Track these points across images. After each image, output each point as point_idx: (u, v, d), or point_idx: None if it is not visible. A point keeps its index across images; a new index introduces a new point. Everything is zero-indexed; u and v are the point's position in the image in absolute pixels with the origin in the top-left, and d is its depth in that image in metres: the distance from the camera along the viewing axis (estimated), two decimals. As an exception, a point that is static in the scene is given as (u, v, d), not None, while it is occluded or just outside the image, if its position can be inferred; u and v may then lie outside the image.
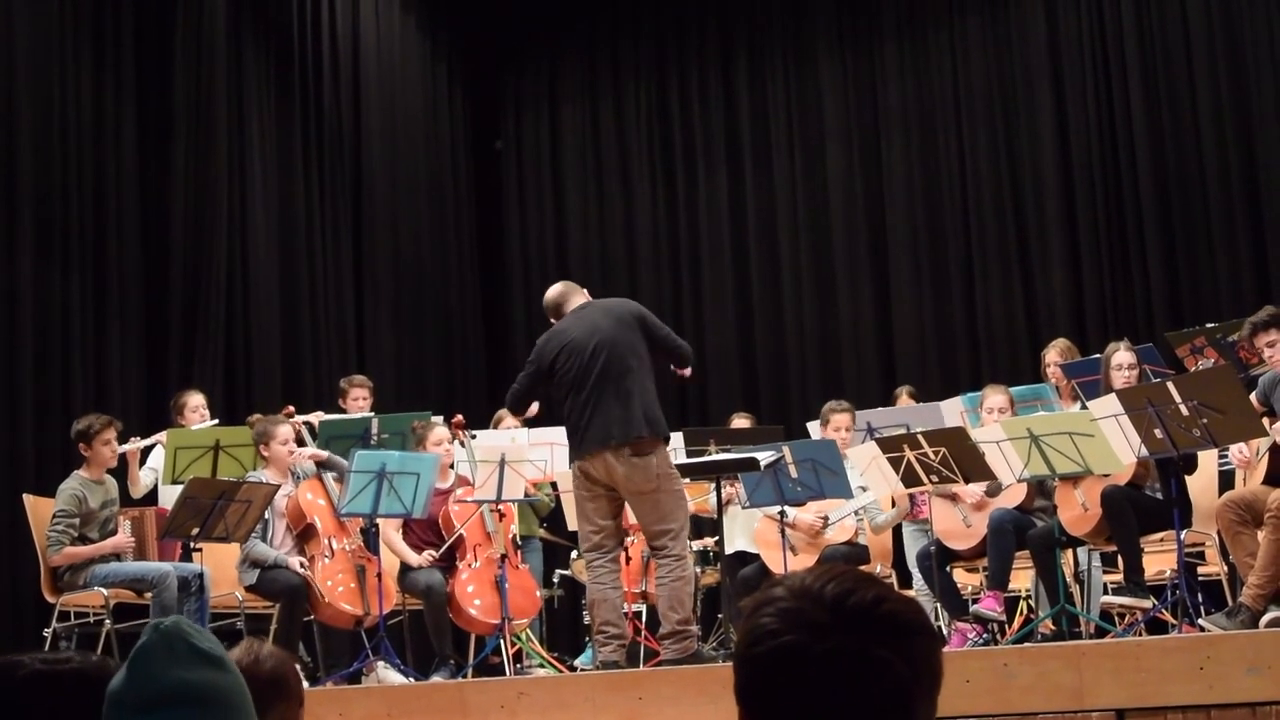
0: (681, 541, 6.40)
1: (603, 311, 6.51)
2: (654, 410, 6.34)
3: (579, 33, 13.12)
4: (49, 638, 7.12)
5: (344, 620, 7.41)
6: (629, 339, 6.38)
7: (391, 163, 11.80)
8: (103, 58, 9.44)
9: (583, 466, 6.40)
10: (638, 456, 6.27)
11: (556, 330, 6.58)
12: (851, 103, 12.02)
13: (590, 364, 6.35)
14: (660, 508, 6.33)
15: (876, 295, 11.71)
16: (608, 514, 6.46)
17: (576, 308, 6.61)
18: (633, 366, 6.34)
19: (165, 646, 1.71)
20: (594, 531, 6.46)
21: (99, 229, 9.27)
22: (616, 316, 6.45)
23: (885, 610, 1.42)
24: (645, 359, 6.41)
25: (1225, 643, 5.11)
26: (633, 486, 6.32)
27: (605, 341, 6.36)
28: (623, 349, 6.35)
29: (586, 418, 6.34)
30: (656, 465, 6.32)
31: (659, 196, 12.63)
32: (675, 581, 6.32)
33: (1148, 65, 10.79)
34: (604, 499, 6.43)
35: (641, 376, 6.35)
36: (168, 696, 1.69)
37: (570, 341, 6.43)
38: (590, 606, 6.52)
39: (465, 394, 11.92)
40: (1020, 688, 5.15)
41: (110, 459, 7.34)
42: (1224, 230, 10.36)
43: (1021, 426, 6.50)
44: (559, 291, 6.73)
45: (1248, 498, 6.00)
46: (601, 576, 6.43)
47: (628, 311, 6.51)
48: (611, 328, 6.39)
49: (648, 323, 6.50)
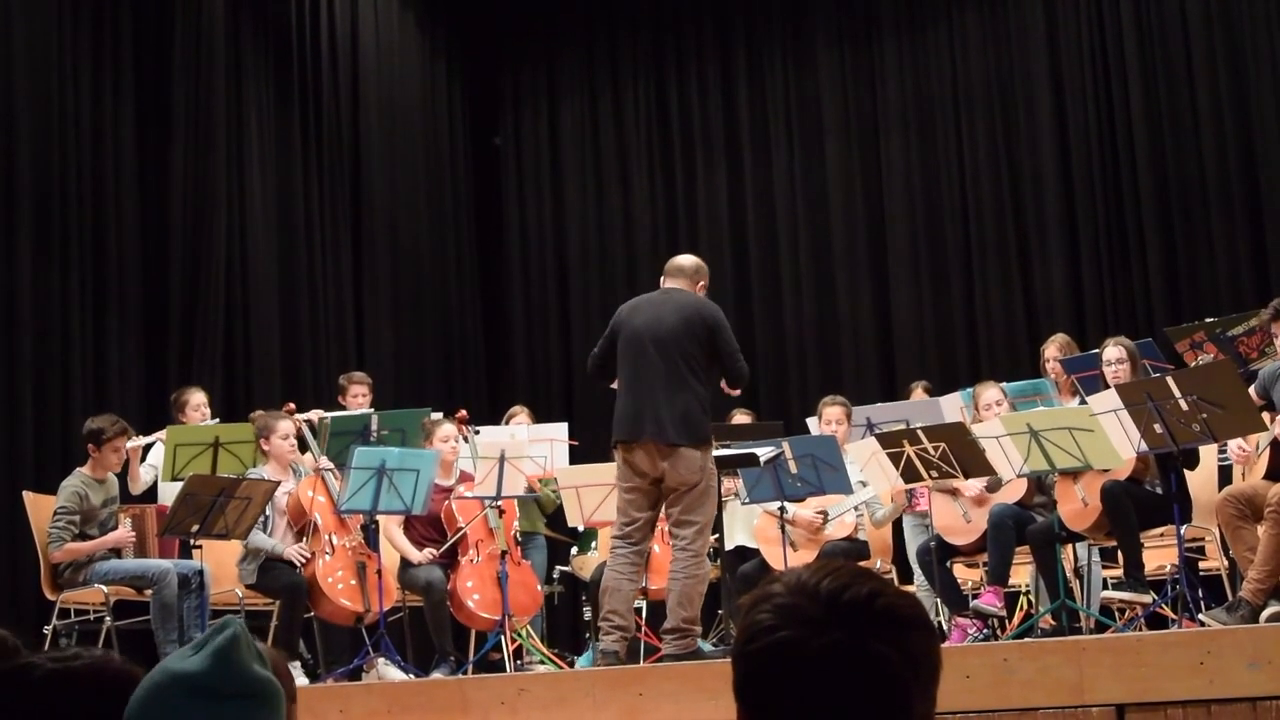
0: (703, 539, 6.40)
1: (676, 307, 6.43)
2: (694, 415, 6.29)
3: (578, 28, 13.11)
4: (49, 635, 7.12)
5: (344, 617, 7.42)
6: (687, 342, 6.33)
7: (390, 159, 11.80)
8: (101, 56, 9.44)
9: (626, 456, 6.39)
10: (684, 449, 6.26)
11: (630, 306, 6.58)
12: (850, 98, 12.01)
13: (640, 357, 6.36)
14: (694, 500, 6.32)
15: (875, 291, 11.70)
16: (644, 507, 6.43)
17: (664, 289, 6.59)
18: (681, 369, 6.30)
19: (245, 642, 1.79)
20: (626, 523, 6.44)
21: (98, 227, 9.27)
22: (685, 317, 6.38)
23: (881, 605, 1.42)
24: (700, 365, 6.36)
25: (1225, 638, 5.12)
26: (678, 479, 6.29)
27: (662, 340, 6.34)
28: (675, 351, 6.31)
29: (628, 408, 6.37)
30: (702, 459, 6.32)
31: (658, 192, 12.62)
32: (689, 579, 6.32)
33: (1146, 60, 10.79)
34: (642, 493, 6.40)
35: (690, 381, 6.30)
36: (246, 689, 1.76)
37: (633, 326, 6.43)
38: (601, 593, 6.49)
39: (464, 389, 11.92)
40: (1020, 683, 5.15)
41: (116, 465, 7.35)
42: (1223, 225, 10.35)
43: (1021, 422, 6.50)
44: (678, 264, 6.67)
45: (1248, 492, 6.01)
46: (621, 566, 6.42)
47: (700, 316, 6.41)
48: (675, 327, 6.35)
49: (717, 335, 6.40)
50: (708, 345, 6.38)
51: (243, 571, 7.39)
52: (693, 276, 6.62)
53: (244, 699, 1.76)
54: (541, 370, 12.66)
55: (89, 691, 1.90)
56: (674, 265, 6.70)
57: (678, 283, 6.59)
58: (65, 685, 1.91)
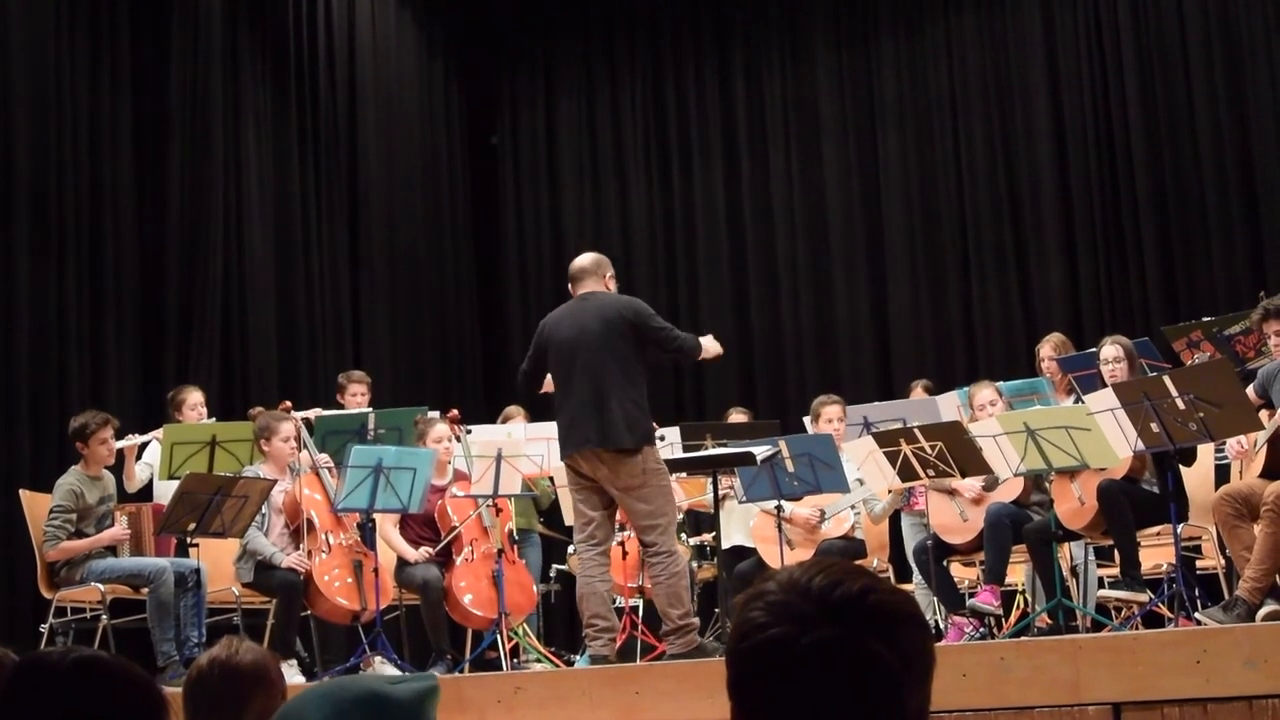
0: (670, 535, 6.43)
1: (596, 310, 6.45)
2: (635, 416, 6.33)
3: (574, 27, 13.10)
4: (45, 633, 7.11)
5: (341, 615, 7.42)
6: (614, 344, 6.36)
7: (387, 158, 11.79)
8: (98, 55, 9.43)
9: (570, 462, 6.48)
10: (624, 454, 6.30)
11: (553, 319, 6.60)
12: (848, 98, 12.01)
13: (570, 368, 6.41)
14: (648, 503, 6.36)
15: (873, 290, 11.71)
16: (597, 505, 6.50)
17: (581, 296, 6.57)
18: (614, 371, 6.33)
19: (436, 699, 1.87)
20: (585, 523, 6.51)
21: (95, 227, 9.26)
22: (606, 319, 6.40)
23: (873, 600, 1.42)
24: (632, 364, 6.38)
25: (1222, 636, 5.12)
26: (619, 483, 6.36)
27: (587, 346, 6.37)
28: (604, 355, 6.35)
29: (567, 419, 6.43)
30: (643, 461, 6.35)
31: (655, 191, 12.62)
32: (670, 578, 6.35)
33: (1144, 60, 10.79)
34: (592, 491, 6.48)
35: (624, 383, 6.33)
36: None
37: (559, 340, 6.48)
38: (579, 600, 6.53)
39: (461, 388, 11.92)
40: (1017, 682, 5.15)
41: (107, 457, 7.34)
42: (1220, 224, 10.36)
43: (1018, 421, 6.50)
44: (579, 267, 6.63)
45: (1244, 491, 6.01)
46: (590, 569, 6.48)
47: (619, 314, 6.43)
48: (598, 331, 6.38)
49: (642, 325, 6.44)
50: (636, 339, 6.42)
51: (239, 570, 7.39)
52: (597, 274, 6.61)
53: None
54: (538, 369, 12.62)
55: (118, 684, 1.91)
56: (576, 269, 6.66)
57: (587, 286, 6.59)
58: (96, 672, 1.92)
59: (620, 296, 6.66)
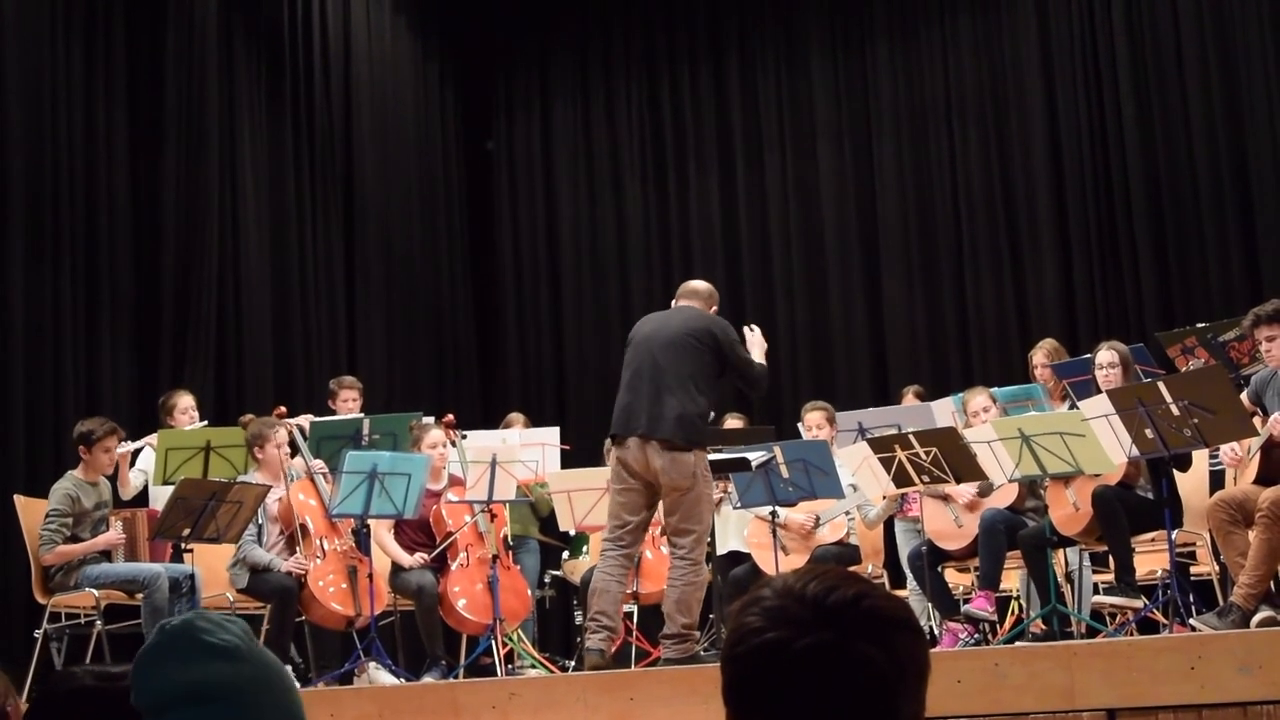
0: (701, 547, 6.38)
1: (683, 319, 6.53)
2: (688, 417, 6.30)
3: (570, 32, 13.11)
4: (39, 639, 7.10)
5: (335, 621, 7.41)
6: (684, 348, 6.38)
7: (383, 163, 11.79)
8: (94, 60, 9.42)
9: (621, 456, 6.40)
10: (676, 452, 6.28)
11: (642, 320, 6.73)
12: (843, 101, 12.03)
13: (639, 360, 6.45)
14: (690, 508, 6.32)
15: (868, 295, 11.72)
16: (638, 509, 6.43)
17: (676, 306, 6.72)
18: (681, 375, 6.34)
19: (167, 647, 1.70)
20: (619, 525, 6.44)
21: (90, 231, 9.25)
22: (691, 329, 6.46)
23: (867, 606, 1.42)
24: (702, 378, 6.40)
25: (1216, 642, 5.12)
26: (669, 481, 6.30)
27: (659, 343, 6.42)
28: (671, 354, 6.37)
29: (623, 405, 6.43)
30: (695, 464, 6.33)
31: (650, 196, 12.63)
32: (687, 586, 6.32)
33: (1138, 64, 10.81)
34: (636, 493, 6.40)
35: (689, 388, 6.33)
36: (168, 699, 1.68)
37: (639, 335, 6.58)
38: (590, 593, 6.49)
39: (457, 394, 11.91)
40: (1011, 688, 5.15)
41: (107, 466, 7.34)
42: (1215, 229, 10.37)
43: (1013, 427, 6.50)
44: (691, 287, 6.81)
45: (1239, 497, 6.01)
46: (610, 568, 6.42)
47: (708, 329, 6.48)
48: (674, 332, 6.44)
49: (728, 346, 6.49)
50: (714, 357, 6.44)
51: (233, 576, 7.38)
52: (706, 299, 6.74)
53: (173, 709, 1.70)
54: (534, 374, 12.64)
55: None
56: (687, 288, 6.83)
57: (691, 303, 6.70)
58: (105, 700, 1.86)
59: (715, 317, 6.68)
